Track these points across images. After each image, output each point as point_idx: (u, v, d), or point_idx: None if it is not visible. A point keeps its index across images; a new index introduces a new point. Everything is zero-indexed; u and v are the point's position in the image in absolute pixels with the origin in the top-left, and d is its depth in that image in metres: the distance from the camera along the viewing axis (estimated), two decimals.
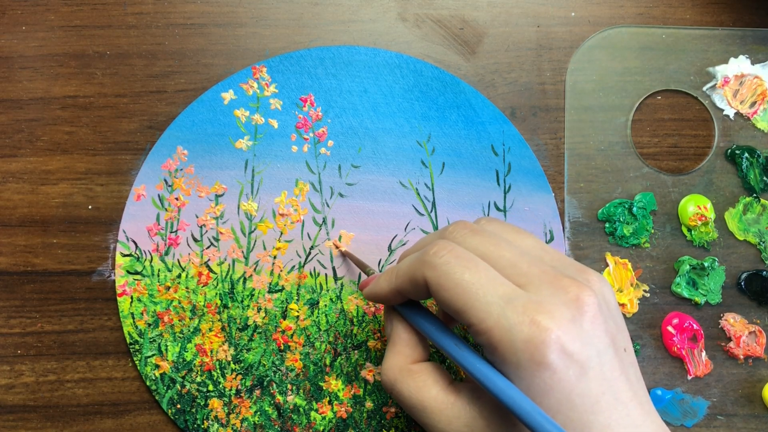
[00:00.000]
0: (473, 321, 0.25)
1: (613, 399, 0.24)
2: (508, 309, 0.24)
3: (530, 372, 0.24)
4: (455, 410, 0.27)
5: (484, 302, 0.25)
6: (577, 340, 0.24)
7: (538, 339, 0.24)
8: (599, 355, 0.24)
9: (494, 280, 0.26)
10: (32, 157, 0.38)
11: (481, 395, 0.27)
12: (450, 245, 0.27)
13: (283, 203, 0.38)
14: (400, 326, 0.30)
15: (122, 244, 0.37)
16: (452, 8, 0.39)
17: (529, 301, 0.25)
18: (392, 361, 0.29)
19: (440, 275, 0.26)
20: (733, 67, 0.39)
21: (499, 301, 0.25)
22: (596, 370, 0.24)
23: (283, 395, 0.37)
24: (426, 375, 0.28)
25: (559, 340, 0.24)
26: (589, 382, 0.24)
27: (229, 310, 0.37)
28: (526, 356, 0.24)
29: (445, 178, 0.38)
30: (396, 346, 0.30)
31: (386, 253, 0.38)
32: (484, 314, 0.25)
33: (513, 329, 0.24)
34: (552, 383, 0.24)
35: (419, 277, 0.27)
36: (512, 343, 0.24)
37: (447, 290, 0.26)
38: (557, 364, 0.24)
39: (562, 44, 0.39)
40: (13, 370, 0.37)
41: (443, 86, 0.39)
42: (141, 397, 0.37)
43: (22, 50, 0.39)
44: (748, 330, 0.37)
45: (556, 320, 0.24)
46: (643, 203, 0.38)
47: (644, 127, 0.39)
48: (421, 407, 0.28)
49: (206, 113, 0.38)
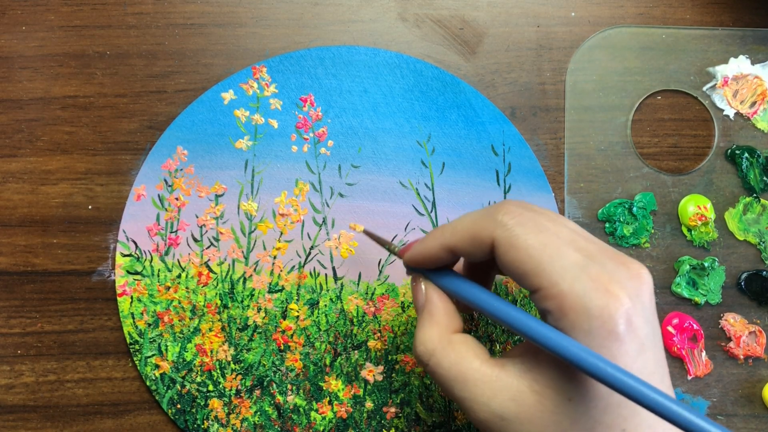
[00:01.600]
0: (544, 284, 0.25)
1: (660, 381, 0.24)
2: (582, 275, 0.24)
3: (600, 340, 0.23)
4: (501, 383, 0.26)
5: (558, 266, 0.24)
6: (641, 316, 0.24)
7: (612, 308, 0.23)
8: (654, 335, 0.24)
9: (565, 246, 0.25)
10: (32, 157, 0.38)
11: (532, 368, 0.26)
12: (519, 209, 0.26)
13: (283, 203, 0.38)
14: (435, 295, 0.29)
15: (122, 244, 0.37)
16: (452, 8, 0.39)
17: (602, 270, 0.24)
18: (430, 331, 0.28)
19: (511, 235, 0.25)
20: (733, 67, 0.39)
21: (573, 267, 0.24)
22: (651, 348, 0.24)
23: (283, 395, 0.37)
24: (467, 346, 0.27)
25: (629, 311, 0.24)
26: (646, 360, 0.24)
27: (229, 310, 0.37)
28: (599, 323, 0.23)
29: (445, 178, 0.38)
30: (433, 316, 0.28)
31: (386, 253, 0.38)
32: (558, 278, 0.24)
33: (588, 296, 0.24)
34: (618, 354, 0.23)
35: (485, 235, 0.26)
36: (587, 310, 0.24)
37: (518, 250, 0.25)
38: (625, 335, 0.23)
39: (562, 44, 0.39)
40: (13, 370, 0.37)
41: (443, 86, 0.39)
42: (141, 397, 0.37)
43: (22, 50, 0.39)
44: (748, 330, 0.37)
45: (627, 292, 0.24)
46: (643, 203, 0.38)
47: (644, 127, 0.39)
48: (462, 379, 0.26)
49: (206, 113, 0.38)
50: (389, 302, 0.37)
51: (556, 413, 0.25)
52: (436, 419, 0.37)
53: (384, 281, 0.38)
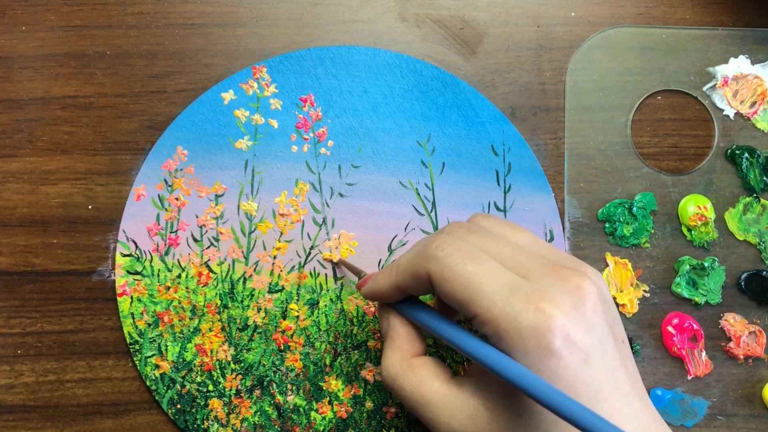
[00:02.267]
0: (478, 311, 0.25)
1: (615, 388, 0.24)
2: (512, 297, 0.25)
3: (537, 359, 0.24)
4: (458, 403, 0.27)
5: (488, 292, 0.25)
6: (580, 328, 0.24)
7: (545, 326, 0.24)
8: (601, 344, 0.24)
9: (497, 270, 0.26)
10: (32, 157, 0.38)
11: (485, 387, 0.27)
12: (450, 239, 0.27)
13: (283, 203, 0.38)
14: (397, 321, 0.30)
15: (122, 244, 0.37)
16: (452, 8, 0.39)
17: (533, 289, 0.25)
18: (392, 357, 0.29)
19: (443, 267, 0.26)
20: (733, 67, 0.39)
21: (503, 290, 0.25)
22: (598, 358, 0.24)
23: (283, 395, 0.37)
24: (427, 369, 0.28)
25: (563, 327, 0.24)
26: (593, 371, 0.24)
27: (229, 310, 0.37)
28: (533, 343, 0.24)
29: (445, 178, 0.38)
30: (395, 342, 0.30)
31: (386, 253, 0.38)
32: (489, 303, 0.25)
33: (519, 317, 0.24)
34: (558, 370, 0.24)
35: (422, 271, 0.27)
36: (519, 331, 0.24)
37: (451, 282, 0.26)
38: (563, 351, 0.24)
39: (562, 44, 0.39)
40: (13, 370, 0.37)
41: (443, 86, 0.39)
42: (141, 397, 0.37)
43: (22, 50, 0.39)
44: (748, 330, 0.37)
45: (560, 308, 0.24)
46: (643, 203, 0.38)
47: (644, 127, 0.39)
48: (423, 401, 0.28)
49: (206, 113, 0.38)
50: None
51: (509, 429, 0.25)
52: None
53: None
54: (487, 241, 0.27)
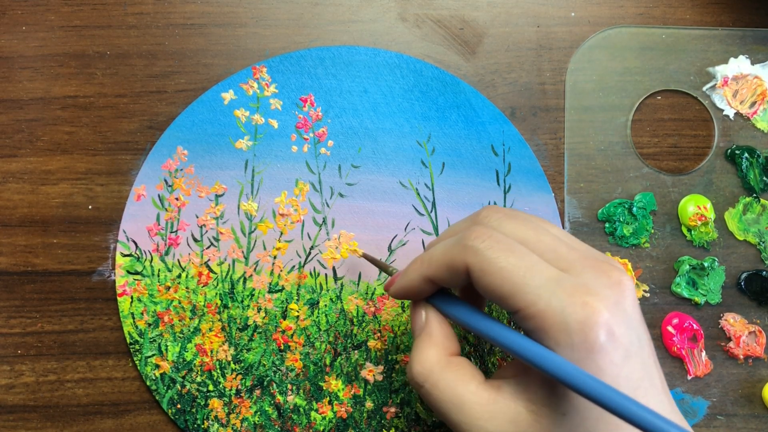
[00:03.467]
0: (521, 305, 0.25)
1: (650, 385, 0.24)
2: (558, 291, 0.24)
3: (583, 354, 0.23)
4: (497, 405, 0.26)
5: (532, 286, 0.24)
6: (623, 324, 0.24)
7: (592, 320, 0.23)
8: (639, 340, 0.24)
9: (539, 263, 0.25)
10: (32, 157, 0.38)
11: (525, 388, 0.26)
12: (489, 230, 0.26)
13: (283, 203, 0.38)
14: (435, 317, 0.29)
15: (122, 244, 0.37)
16: (452, 8, 0.39)
17: (577, 283, 0.24)
18: (427, 353, 0.28)
19: (483, 260, 0.25)
20: (733, 67, 0.39)
21: (548, 284, 0.24)
22: (637, 355, 0.24)
23: (283, 395, 0.37)
24: (464, 369, 0.27)
25: (608, 322, 0.24)
26: (632, 366, 0.24)
27: (229, 310, 0.37)
28: (580, 338, 0.23)
29: (445, 178, 0.38)
30: (432, 338, 0.28)
31: (386, 253, 0.38)
32: (534, 297, 0.24)
33: (565, 311, 0.24)
34: (603, 365, 0.23)
35: (459, 263, 0.26)
36: (566, 325, 0.24)
37: (491, 275, 0.25)
38: (607, 346, 0.23)
39: (562, 44, 0.39)
40: (13, 370, 0.37)
41: (443, 86, 0.39)
42: (141, 397, 0.37)
43: (22, 50, 0.39)
44: (748, 330, 0.37)
45: (604, 302, 0.24)
46: (643, 203, 0.38)
47: (644, 127, 0.39)
48: (458, 402, 0.26)
49: (206, 113, 0.38)
50: (389, 302, 0.37)
51: (553, 429, 0.25)
52: (436, 419, 0.37)
53: (384, 281, 0.38)
54: (527, 229, 0.27)
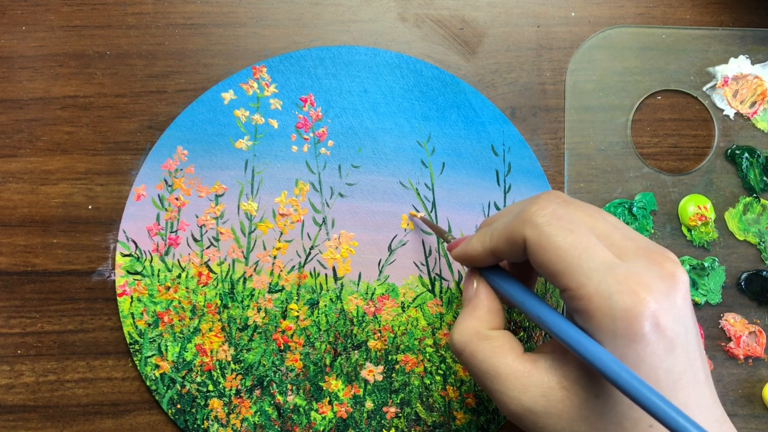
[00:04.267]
0: (572, 285, 0.25)
1: (692, 378, 0.24)
2: (608, 276, 0.24)
3: (625, 342, 0.23)
4: (532, 378, 0.26)
5: (585, 267, 0.25)
6: (670, 316, 0.24)
7: (637, 310, 0.23)
8: (686, 333, 0.24)
9: (595, 246, 0.25)
10: (32, 157, 0.38)
11: (561, 365, 0.26)
12: (551, 205, 0.26)
13: (283, 203, 0.38)
14: (483, 291, 0.30)
15: (122, 244, 0.37)
16: (452, 8, 0.39)
17: (628, 271, 0.24)
18: (468, 324, 0.29)
19: (540, 235, 0.26)
20: (733, 67, 0.39)
21: (600, 268, 0.24)
22: (682, 347, 0.24)
23: (283, 395, 0.37)
24: (502, 342, 0.28)
25: (655, 313, 0.23)
26: (675, 359, 0.24)
27: (229, 310, 0.37)
28: (624, 325, 0.23)
29: (445, 178, 0.38)
30: (476, 310, 0.29)
31: (386, 253, 0.38)
32: (585, 279, 0.24)
33: (613, 297, 0.24)
34: (644, 356, 0.23)
35: (518, 235, 0.26)
36: (611, 311, 0.24)
37: (546, 251, 0.25)
38: (651, 336, 0.23)
39: (562, 44, 0.39)
40: (13, 370, 0.37)
41: (443, 86, 0.39)
42: (141, 397, 0.37)
43: (22, 50, 0.39)
44: (748, 330, 0.37)
45: (653, 293, 0.24)
46: (643, 203, 0.38)
47: (644, 127, 0.39)
48: (494, 373, 0.27)
49: (206, 113, 0.38)
50: (389, 302, 0.37)
51: (584, 409, 0.25)
52: (436, 419, 0.37)
53: (384, 281, 0.38)
54: (584, 214, 0.27)
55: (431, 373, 0.37)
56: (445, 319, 0.37)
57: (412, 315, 0.37)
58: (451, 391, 0.37)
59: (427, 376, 0.37)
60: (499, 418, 0.37)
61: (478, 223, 0.38)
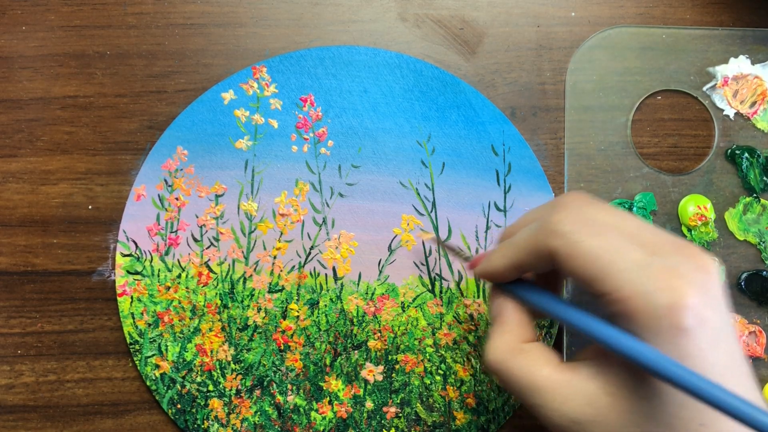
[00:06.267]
0: (608, 289, 0.24)
1: (738, 372, 0.24)
2: (644, 275, 0.24)
3: (669, 338, 0.23)
4: (573, 388, 0.26)
5: (618, 269, 0.24)
6: (710, 307, 0.23)
7: (680, 304, 0.23)
8: (726, 325, 0.24)
9: (625, 246, 0.25)
10: (32, 157, 0.38)
11: (604, 371, 0.26)
12: (573, 211, 0.26)
13: (283, 203, 0.38)
14: (510, 305, 0.29)
15: (122, 244, 0.37)
16: (452, 8, 0.39)
17: (664, 266, 0.24)
18: (501, 340, 0.28)
19: (568, 243, 0.25)
20: (733, 67, 0.39)
21: (634, 268, 0.24)
22: (724, 340, 0.24)
23: (283, 395, 0.37)
24: (537, 354, 0.27)
25: (696, 305, 0.23)
26: (719, 352, 0.23)
27: (229, 310, 0.37)
28: (667, 322, 0.23)
29: (445, 178, 0.38)
30: (506, 326, 0.28)
31: (386, 253, 0.38)
32: (621, 282, 0.24)
33: (653, 295, 0.23)
34: (689, 350, 0.23)
35: (543, 247, 0.26)
36: (653, 309, 0.23)
37: (576, 258, 0.25)
38: (695, 330, 0.23)
39: (562, 44, 0.39)
40: (13, 370, 0.37)
41: (443, 86, 0.39)
42: (141, 397, 0.37)
43: (22, 50, 0.39)
44: (748, 330, 0.37)
45: (693, 286, 0.23)
46: (643, 203, 0.38)
47: (644, 127, 0.39)
48: (533, 387, 0.26)
49: (206, 113, 0.38)
50: (389, 302, 0.37)
51: (633, 413, 0.24)
52: (436, 419, 0.37)
53: (384, 281, 0.38)
54: (609, 215, 0.26)
55: (431, 373, 0.37)
56: (445, 319, 0.37)
57: (412, 315, 0.37)
58: (451, 391, 0.37)
59: (427, 376, 0.37)
60: (499, 418, 0.37)
61: (478, 223, 0.38)
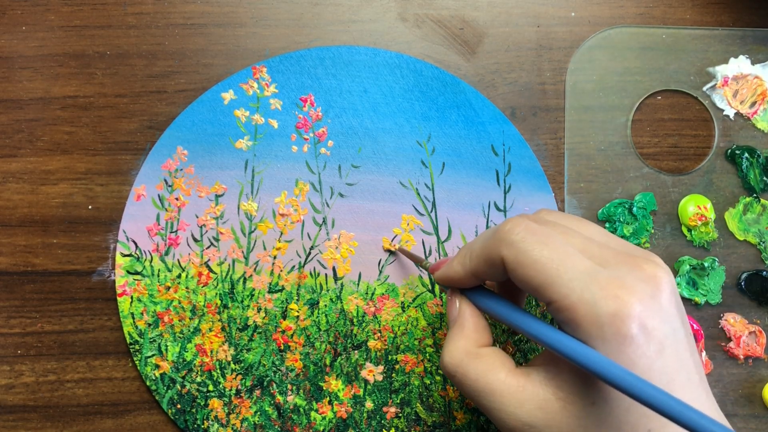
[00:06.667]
0: (555, 297, 0.25)
1: (686, 379, 0.24)
2: (591, 284, 0.24)
3: (615, 346, 0.24)
4: (526, 393, 0.26)
5: (566, 278, 0.25)
6: (657, 317, 0.24)
7: (624, 313, 0.23)
8: (674, 334, 0.24)
9: (573, 255, 0.25)
10: (32, 157, 0.38)
11: (555, 376, 0.26)
12: (524, 221, 0.27)
13: (283, 203, 0.38)
14: (468, 310, 0.30)
15: (122, 244, 0.37)
16: (452, 8, 0.39)
17: (610, 276, 0.24)
18: (457, 344, 0.29)
19: (518, 252, 0.26)
20: (733, 67, 0.39)
21: (581, 276, 0.25)
22: (672, 348, 0.24)
23: (283, 395, 0.37)
24: (493, 358, 0.28)
25: (641, 315, 0.24)
26: (666, 360, 0.24)
27: (229, 310, 0.37)
28: (612, 330, 0.24)
29: (445, 178, 0.38)
30: (463, 330, 0.29)
31: (386, 253, 0.38)
32: (567, 290, 0.25)
33: (598, 304, 0.24)
34: (635, 358, 0.24)
35: (495, 255, 0.27)
36: (597, 318, 0.24)
37: (526, 267, 0.25)
38: (640, 338, 0.23)
39: (562, 44, 0.39)
40: (13, 370, 0.37)
41: (443, 86, 0.39)
42: (141, 397, 0.37)
43: (22, 50, 0.39)
44: (748, 330, 0.37)
45: (637, 295, 0.24)
46: (643, 203, 0.38)
47: (644, 127, 0.39)
48: (488, 390, 0.27)
49: (206, 113, 0.38)
50: (389, 302, 0.37)
51: (582, 417, 0.25)
52: (436, 419, 0.37)
53: (384, 281, 0.38)
54: (558, 231, 0.27)
55: (431, 373, 0.37)
56: (445, 319, 0.37)
57: (412, 315, 0.37)
58: (451, 391, 0.37)
59: (427, 376, 0.37)
60: None
61: (478, 223, 0.38)
